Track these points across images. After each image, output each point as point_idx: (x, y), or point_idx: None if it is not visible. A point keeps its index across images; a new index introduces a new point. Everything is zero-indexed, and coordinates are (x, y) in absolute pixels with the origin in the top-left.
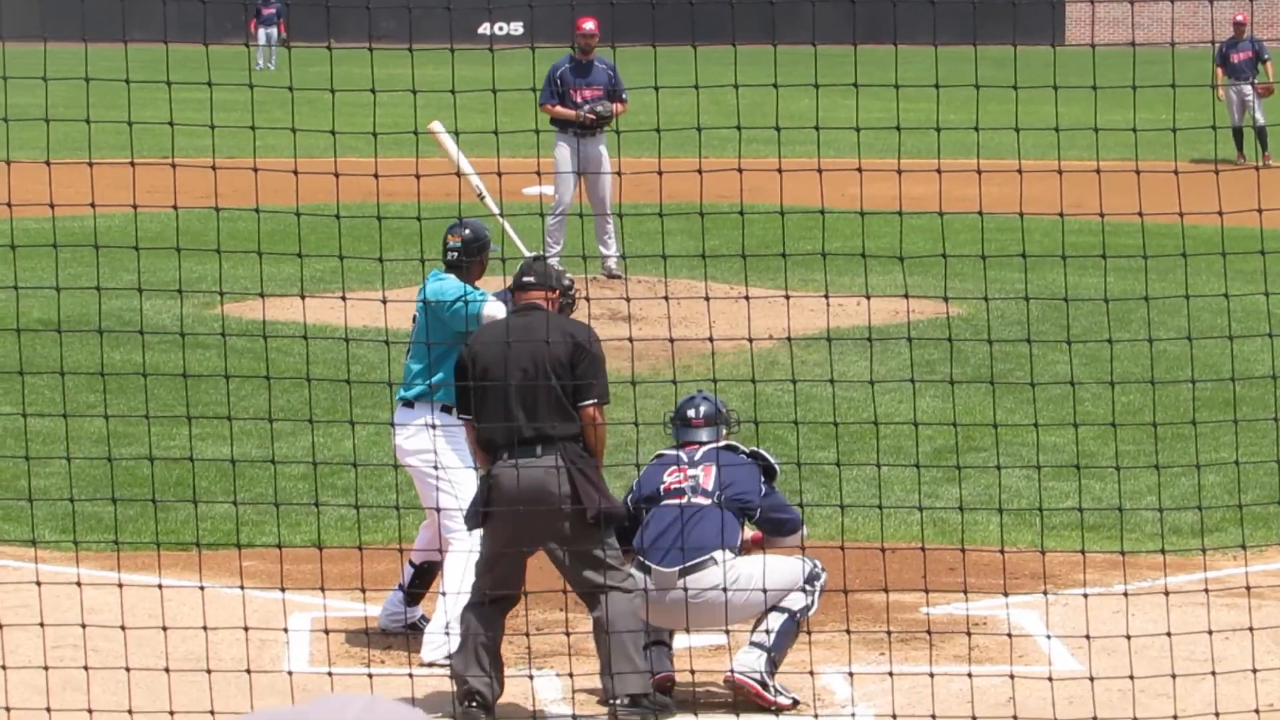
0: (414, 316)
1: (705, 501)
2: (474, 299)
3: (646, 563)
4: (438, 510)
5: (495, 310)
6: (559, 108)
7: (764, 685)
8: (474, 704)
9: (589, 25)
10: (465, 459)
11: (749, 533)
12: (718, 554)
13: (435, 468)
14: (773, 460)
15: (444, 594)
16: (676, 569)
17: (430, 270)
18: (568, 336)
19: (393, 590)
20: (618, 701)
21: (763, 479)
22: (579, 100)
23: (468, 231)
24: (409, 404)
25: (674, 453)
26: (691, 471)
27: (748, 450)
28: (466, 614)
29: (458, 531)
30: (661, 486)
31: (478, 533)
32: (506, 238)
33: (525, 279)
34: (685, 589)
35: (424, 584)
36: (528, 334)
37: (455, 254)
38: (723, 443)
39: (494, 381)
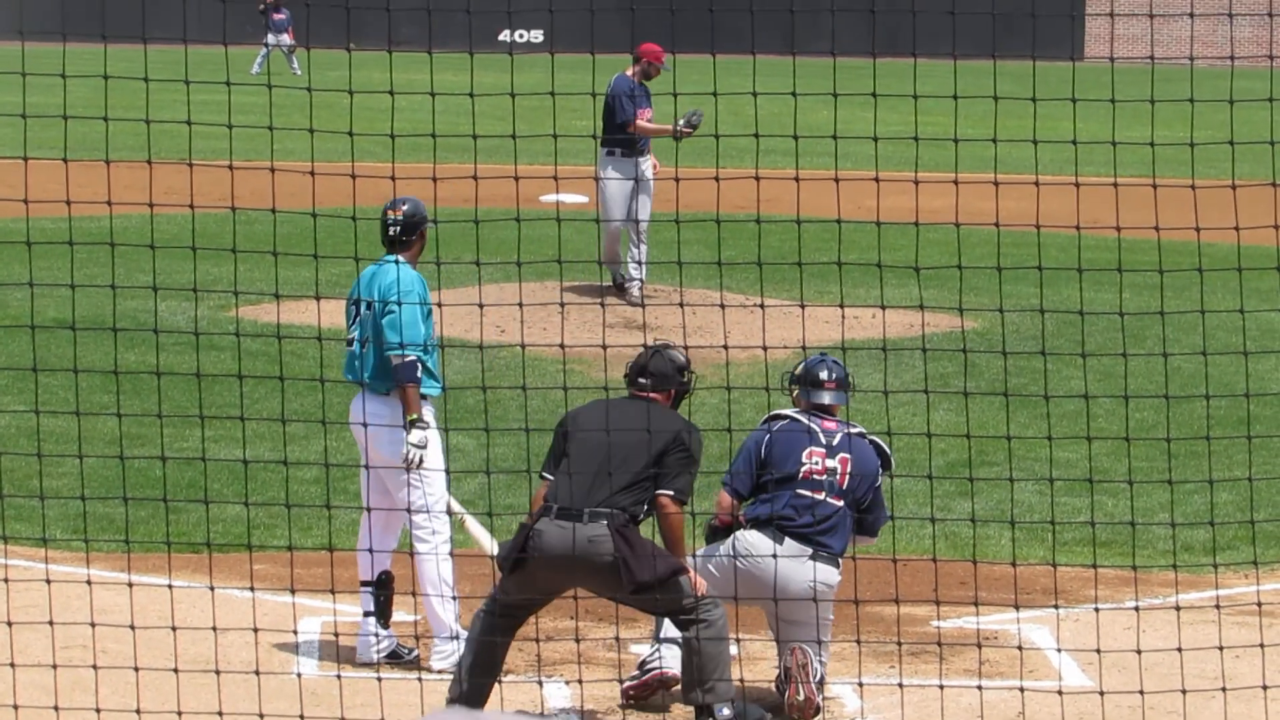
0: (357, 307)
1: (838, 504)
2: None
3: (785, 526)
4: (409, 511)
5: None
6: (651, 124)
7: (820, 681)
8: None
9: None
10: (439, 460)
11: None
12: (838, 562)
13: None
14: (889, 453)
15: (428, 596)
16: (809, 552)
17: (377, 262)
18: (669, 427)
19: (361, 621)
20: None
21: (880, 473)
22: (644, 122)
23: (407, 206)
24: (386, 393)
25: (805, 422)
26: (830, 464)
27: (871, 438)
28: (476, 619)
29: (424, 528)
30: (801, 471)
31: (444, 523)
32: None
33: (640, 380)
34: (812, 576)
35: (385, 593)
36: (630, 418)
37: (397, 229)
38: (855, 428)
39: (580, 455)
